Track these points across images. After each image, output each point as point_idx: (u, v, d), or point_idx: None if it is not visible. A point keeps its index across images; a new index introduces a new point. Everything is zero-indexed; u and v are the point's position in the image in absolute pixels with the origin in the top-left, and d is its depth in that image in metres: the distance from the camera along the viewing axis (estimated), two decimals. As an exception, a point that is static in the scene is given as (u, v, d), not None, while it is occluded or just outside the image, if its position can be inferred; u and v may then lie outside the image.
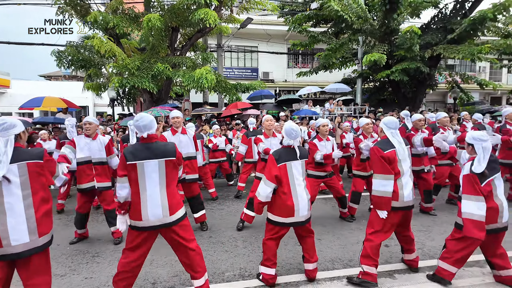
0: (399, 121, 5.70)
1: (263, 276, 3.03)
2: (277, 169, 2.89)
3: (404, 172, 2.98)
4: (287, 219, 2.90)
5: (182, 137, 4.51)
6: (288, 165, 2.93)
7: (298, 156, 2.98)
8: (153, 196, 2.49)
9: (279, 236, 3.00)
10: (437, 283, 2.98)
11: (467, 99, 13.62)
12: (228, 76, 16.51)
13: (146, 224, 2.48)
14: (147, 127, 2.55)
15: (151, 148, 2.54)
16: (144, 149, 2.52)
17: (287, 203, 2.87)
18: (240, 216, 4.72)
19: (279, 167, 2.90)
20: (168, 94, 10.56)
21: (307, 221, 3.00)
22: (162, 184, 2.54)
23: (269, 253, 2.99)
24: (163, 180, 2.55)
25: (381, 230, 2.98)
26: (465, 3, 11.55)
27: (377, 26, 10.82)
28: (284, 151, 3.00)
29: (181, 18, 8.83)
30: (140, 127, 2.55)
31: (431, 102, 20.55)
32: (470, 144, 2.84)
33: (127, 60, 8.10)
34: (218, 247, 3.98)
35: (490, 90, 16.73)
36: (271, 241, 3.00)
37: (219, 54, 12.94)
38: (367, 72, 12.59)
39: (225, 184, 7.67)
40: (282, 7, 14.17)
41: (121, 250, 2.64)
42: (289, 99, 13.44)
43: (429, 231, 4.39)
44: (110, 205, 4.23)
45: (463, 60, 13.71)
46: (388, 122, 3.08)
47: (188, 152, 4.54)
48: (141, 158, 2.48)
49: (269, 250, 2.99)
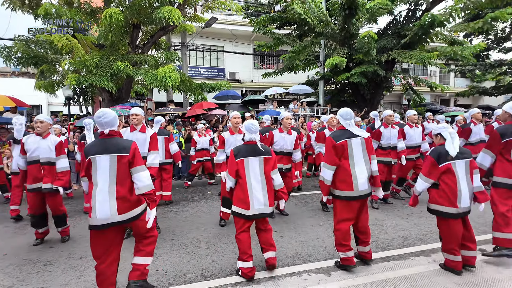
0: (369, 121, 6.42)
1: (242, 271, 3.10)
2: (235, 163, 3.11)
3: (357, 162, 3.13)
4: (245, 211, 3.08)
5: (140, 135, 4.27)
6: (246, 161, 3.12)
7: (258, 153, 3.14)
8: (102, 193, 2.45)
9: (246, 228, 3.12)
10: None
11: (419, 100, 14.63)
12: (193, 76, 16.27)
13: (96, 222, 2.43)
14: (110, 124, 2.55)
15: (106, 143, 2.53)
16: (99, 144, 2.52)
17: (242, 196, 3.09)
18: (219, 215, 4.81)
19: (237, 162, 3.11)
20: (129, 93, 10.18)
21: (264, 215, 3.13)
22: (112, 180, 2.48)
23: (242, 247, 3.09)
24: (114, 177, 2.49)
25: (344, 218, 3.19)
26: (416, 11, 12.47)
27: (338, 30, 11.27)
28: (244, 148, 3.19)
29: (142, 14, 8.56)
30: (102, 123, 2.53)
31: (388, 103, 21.81)
32: (438, 133, 3.22)
33: (85, 57, 7.68)
34: (181, 249, 3.94)
35: (439, 92, 18.19)
36: (241, 234, 3.11)
37: (183, 53, 12.72)
38: (328, 74, 13.07)
39: (195, 185, 7.59)
40: (247, 8, 14.26)
41: (76, 257, 2.54)
42: (255, 100, 13.55)
43: (382, 225, 4.69)
44: (56, 209, 4.10)
45: (416, 64, 14.69)
46: (343, 114, 3.25)
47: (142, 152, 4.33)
48: (94, 153, 2.48)
49: (242, 244, 3.10)
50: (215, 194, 6.71)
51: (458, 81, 23.86)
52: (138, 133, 4.27)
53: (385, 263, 3.46)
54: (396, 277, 3.15)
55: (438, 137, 3.25)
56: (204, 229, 4.61)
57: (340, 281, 3.09)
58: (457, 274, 3.13)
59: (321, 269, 3.34)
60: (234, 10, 10.08)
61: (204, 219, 5.09)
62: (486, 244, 3.89)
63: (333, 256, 3.63)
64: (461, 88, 21.03)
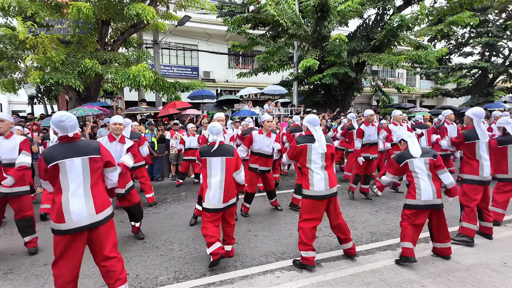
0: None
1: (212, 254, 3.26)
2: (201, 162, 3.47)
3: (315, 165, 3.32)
4: (209, 205, 3.34)
5: (118, 147, 4.08)
6: (208, 160, 3.40)
7: (219, 153, 3.39)
8: (77, 195, 2.41)
9: (212, 220, 3.35)
10: None
11: (388, 101, 15.29)
12: (166, 74, 15.97)
13: (70, 226, 2.36)
14: (74, 127, 2.50)
15: (74, 146, 2.49)
16: (66, 148, 2.46)
17: (205, 192, 3.37)
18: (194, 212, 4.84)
19: (202, 160, 3.44)
20: (97, 92, 9.81)
21: (224, 208, 3.37)
22: (86, 182, 2.47)
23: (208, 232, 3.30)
24: (88, 179, 2.48)
25: (309, 218, 3.29)
26: (384, 16, 13.03)
27: (310, 32, 11.52)
28: (208, 148, 3.43)
29: (112, 10, 8.27)
30: (67, 127, 2.45)
31: (358, 104, 22.58)
32: (401, 139, 3.69)
33: (51, 53, 7.29)
34: (152, 251, 3.86)
35: (406, 93, 19.09)
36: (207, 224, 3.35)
37: (155, 51, 12.44)
38: (302, 75, 13.32)
39: (168, 186, 7.45)
40: (220, 8, 14.19)
41: (40, 264, 2.42)
42: (230, 100, 13.53)
43: (352, 221, 4.85)
44: (23, 212, 3.79)
45: (384, 67, 15.35)
46: (311, 120, 3.43)
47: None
48: (63, 157, 2.41)
49: (207, 230, 3.32)
50: (189, 196, 6.63)
51: (423, 83, 25.18)
52: (118, 144, 4.09)
53: (354, 258, 3.60)
54: (364, 271, 3.29)
55: (402, 142, 3.66)
56: (177, 231, 4.55)
57: (311, 277, 3.17)
58: (413, 262, 3.34)
59: (293, 267, 3.41)
60: (208, 9, 9.99)
61: (177, 220, 5.02)
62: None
63: (305, 253, 3.73)
64: (426, 90, 22.22)
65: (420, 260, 3.47)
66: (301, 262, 3.34)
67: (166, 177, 8.48)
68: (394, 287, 2.97)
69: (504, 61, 17.26)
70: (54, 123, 2.45)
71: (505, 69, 16.22)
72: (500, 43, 16.26)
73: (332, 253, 3.73)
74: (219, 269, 3.36)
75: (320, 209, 3.30)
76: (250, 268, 3.39)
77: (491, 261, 3.43)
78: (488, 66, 15.64)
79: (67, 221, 2.35)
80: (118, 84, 8.26)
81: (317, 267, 3.40)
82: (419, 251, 3.69)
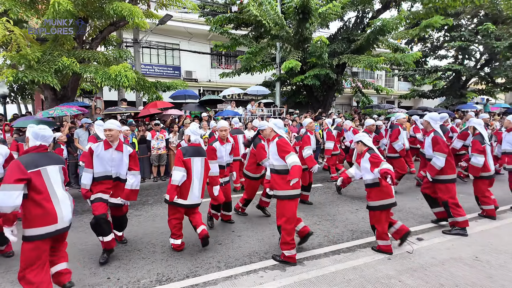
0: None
1: (173, 246, 3.84)
2: (183, 162, 3.68)
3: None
4: (183, 201, 3.72)
5: (116, 155, 3.63)
6: (192, 160, 3.72)
7: (199, 153, 3.80)
8: (63, 199, 2.66)
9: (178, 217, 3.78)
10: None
11: (367, 102, 15.66)
12: (147, 74, 15.68)
13: (61, 226, 2.61)
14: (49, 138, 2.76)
15: (48, 155, 2.72)
16: (43, 157, 2.65)
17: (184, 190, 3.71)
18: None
19: (184, 160, 3.68)
20: (75, 91, 9.49)
21: (196, 205, 3.81)
22: (64, 188, 2.75)
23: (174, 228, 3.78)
24: (63, 185, 2.76)
25: (289, 217, 3.41)
26: (364, 19, 13.36)
27: (292, 34, 11.63)
28: (191, 149, 3.78)
29: (90, 8, 8.03)
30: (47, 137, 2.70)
31: (339, 104, 23.02)
32: (359, 141, 3.80)
33: (26, 50, 6.98)
34: (134, 254, 3.80)
35: (385, 95, 19.65)
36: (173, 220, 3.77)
37: (136, 50, 12.19)
38: (284, 76, 13.41)
39: (150, 188, 7.31)
40: (203, 7, 14.08)
41: (15, 270, 2.34)
42: (213, 100, 13.44)
43: (334, 220, 4.96)
44: None
45: (364, 69, 15.74)
46: (277, 123, 3.65)
47: (118, 173, 3.68)
48: (44, 164, 2.60)
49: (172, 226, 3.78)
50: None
51: (401, 85, 25.97)
52: (114, 152, 3.62)
53: (335, 256, 3.68)
54: (345, 268, 3.37)
55: (359, 143, 3.79)
56: (159, 233, 4.49)
57: (294, 276, 3.22)
58: (390, 254, 3.63)
59: (276, 265, 3.45)
60: (190, 8, 9.89)
61: (159, 222, 4.95)
62: (423, 233, 4.32)
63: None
64: (404, 91, 22.92)
65: (398, 256, 3.60)
66: (282, 259, 3.49)
67: (148, 179, 8.33)
68: (374, 283, 3.06)
69: (475, 64, 18.08)
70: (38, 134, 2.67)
71: (476, 71, 16.98)
72: (472, 47, 17.00)
73: (314, 252, 3.80)
74: (203, 270, 3.36)
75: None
76: (233, 268, 3.40)
77: (464, 256, 3.61)
78: (461, 68, 16.32)
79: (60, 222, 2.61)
80: (98, 84, 8.02)
81: (299, 265, 3.46)
82: (396, 247, 3.83)
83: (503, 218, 4.86)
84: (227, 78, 14.21)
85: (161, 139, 8.13)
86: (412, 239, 4.01)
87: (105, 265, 3.50)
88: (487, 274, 3.19)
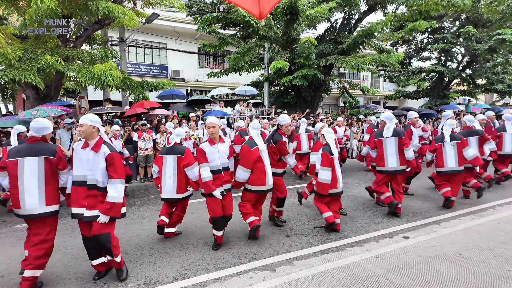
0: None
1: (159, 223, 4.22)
2: (157, 159, 4.27)
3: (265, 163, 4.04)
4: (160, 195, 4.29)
5: (92, 156, 3.03)
6: (164, 158, 4.20)
7: (172, 152, 4.18)
8: (30, 189, 2.90)
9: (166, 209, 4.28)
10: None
11: (354, 102, 15.89)
12: (133, 73, 15.45)
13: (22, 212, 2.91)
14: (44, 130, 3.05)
15: (33, 147, 2.96)
16: (26, 148, 2.95)
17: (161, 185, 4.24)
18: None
19: (158, 157, 4.27)
20: (58, 91, 9.24)
21: (173, 200, 4.20)
22: (41, 179, 2.95)
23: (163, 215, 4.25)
24: (42, 176, 2.95)
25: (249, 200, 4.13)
26: (350, 20, 13.55)
27: (280, 34, 11.68)
28: (165, 148, 4.31)
29: (74, 5, 7.83)
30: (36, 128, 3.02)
31: (327, 105, 23.26)
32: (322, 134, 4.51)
33: (7, 49, 6.74)
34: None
35: (371, 95, 19.97)
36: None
37: (122, 49, 11.97)
38: (272, 76, 13.46)
39: (137, 189, 7.19)
40: (190, 6, 13.97)
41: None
42: (201, 100, 13.36)
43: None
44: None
45: (350, 69, 15.99)
46: (253, 125, 4.07)
47: (94, 179, 3.03)
48: (22, 156, 2.90)
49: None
50: (158, 198, 6.46)
51: (386, 85, 26.47)
52: (90, 153, 3.02)
53: (324, 255, 3.71)
54: (334, 267, 3.40)
55: (322, 136, 4.48)
56: (147, 235, 4.42)
57: (284, 276, 3.23)
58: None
59: (266, 266, 3.45)
60: (177, 7, 9.79)
61: (147, 225, 4.88)
62: (409, 231, 4.41)
63: (277, 252, 3.79)
64: (389, 92, 23.38)
65: (386, 255, 3.66)
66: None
67: (134, 180, 8.19)
68: (362, 281, 3.10)
69: (458, 65, 18.62)
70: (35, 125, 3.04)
71: (458, 73, 17.49)
72: (454, 49, 17.51)
73: (303, 252, 3.82)
74: (192, 272, 3.32)
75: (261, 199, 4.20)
76: (223, 270, 3.38)
77: (448, 253, 3.70)
78: (444, 70, 16.77)
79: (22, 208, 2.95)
80: (82, 83, 7.83)
81: (288, 265, 3.47)
82: (383, 246, 3.90)
83: (484, 216, 5.02)
84: (215, 78, 14.14)
85: (148, 140, 8.01)
86: (398, 237, 4.09)
87: (91, 269, 3.42)
88: (471, 271, 3.28)
